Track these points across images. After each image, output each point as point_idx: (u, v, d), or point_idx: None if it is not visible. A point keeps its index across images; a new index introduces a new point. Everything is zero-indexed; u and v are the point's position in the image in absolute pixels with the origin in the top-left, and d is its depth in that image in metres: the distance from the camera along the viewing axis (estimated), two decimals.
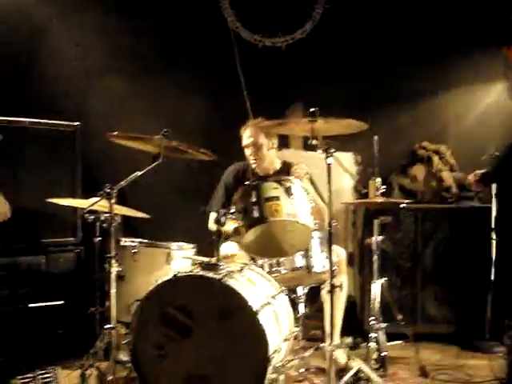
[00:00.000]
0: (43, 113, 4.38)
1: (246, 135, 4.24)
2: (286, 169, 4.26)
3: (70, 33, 4.87)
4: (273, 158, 4.30)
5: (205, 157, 3.68)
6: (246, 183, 3.37)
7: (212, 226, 4.22)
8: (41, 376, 3.49)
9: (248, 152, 4.23)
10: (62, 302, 4.24)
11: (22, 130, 4.22)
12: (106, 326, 3.38)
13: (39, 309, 4.15)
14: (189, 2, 4.95)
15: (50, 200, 3.74)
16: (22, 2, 4.63)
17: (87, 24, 4.81)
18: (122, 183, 3.40)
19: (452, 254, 4.66)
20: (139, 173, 3.39)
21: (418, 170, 4.96)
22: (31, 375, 3.49)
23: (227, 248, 3.84)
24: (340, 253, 3.99)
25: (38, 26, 4.77)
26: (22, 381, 3.46)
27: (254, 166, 4.23)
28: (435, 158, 4.98)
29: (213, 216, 4.26)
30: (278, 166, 4.32)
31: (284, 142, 4.73)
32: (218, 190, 4.32)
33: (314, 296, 4.02)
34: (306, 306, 3.72)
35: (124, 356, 3.56)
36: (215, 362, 3.01)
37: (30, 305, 4.12)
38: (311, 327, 4.44)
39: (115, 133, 3.53)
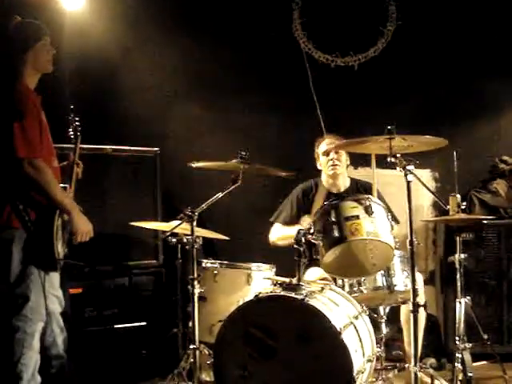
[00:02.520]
0: (124, 139, 4.54)
1: (327, 142, 4.26)
2: (356, 187, 4.28)
3: (148, 60, 5.01)
4: (345, 175, 4.33)
5: (283, 175, 3.75)
6: (324, 203, 3.37)
7: (272, 237, 4.27)
8: None
9: (328, 157, 4.22)
10: (144, 323, 4.33)
11: (106, 157, 4.37)
12: (190, 347, 3.43)
13: (124, 329, 4.25)
14: (262, 27, 5.03)
15: (135, 224, 3.86)
16: (102, 31, 4.79)
17: (165, 51, 4.94)
18: (203, 206, 3.47)
19: None
20: (220, 194, 3.46)
21: (500, 185, 4.84)
22: None
23: (313, 273, 3.87)
24: (418, 277, 3.91)
25: (117, 55, 4.92)
26: None
27: (332, 171, 4.21)
28: None
29: (276, 227, 4.30)
30: (347, 183, 4.33)
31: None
32: (286, 204, 4.34)
33: (393, 316, 3.96)
34: (386, 326, 3.68)
35: (207, 376, 3.61)
36: (299, 382, 3.00)
37: (116, 326, 4.23)
38: (392, 347, 4.38)
39: (195, 164, 3.63)
